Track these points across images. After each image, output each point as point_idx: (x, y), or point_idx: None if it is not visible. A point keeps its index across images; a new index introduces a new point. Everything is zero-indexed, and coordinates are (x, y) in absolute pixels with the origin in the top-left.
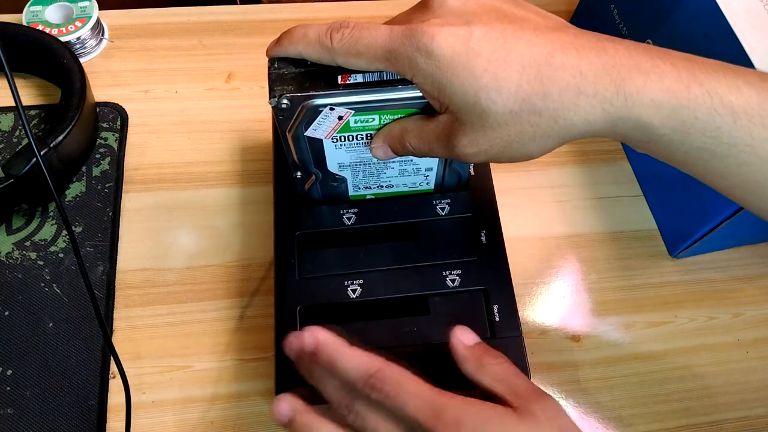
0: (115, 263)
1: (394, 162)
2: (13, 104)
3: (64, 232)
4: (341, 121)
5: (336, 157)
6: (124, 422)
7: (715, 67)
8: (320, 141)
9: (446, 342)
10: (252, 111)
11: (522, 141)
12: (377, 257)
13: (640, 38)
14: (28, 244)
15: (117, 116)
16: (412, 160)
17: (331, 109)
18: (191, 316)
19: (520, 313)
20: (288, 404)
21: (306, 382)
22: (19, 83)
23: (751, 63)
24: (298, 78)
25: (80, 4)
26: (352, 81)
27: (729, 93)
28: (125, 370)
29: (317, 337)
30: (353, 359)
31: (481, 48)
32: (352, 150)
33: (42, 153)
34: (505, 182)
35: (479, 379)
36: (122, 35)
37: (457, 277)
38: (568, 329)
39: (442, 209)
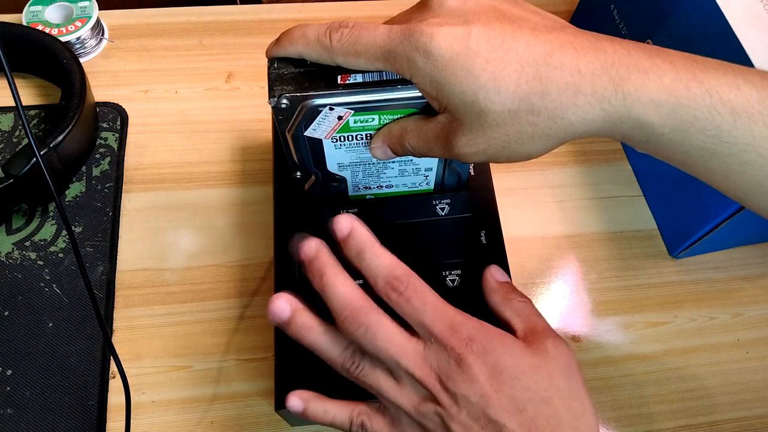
0: (115, 263)
1: (393, 162)
2: (13, 104)
3: (64, 232)
4: (341, 121)
5: (336, 157)
6: (124, 422)
7: (715, 66)
8: (320, 141)
9: None
10: (252, 111)
11: (521, 140)
12: None
13: (640, 38)
14: (28, 244)
15: (117, 116)
16: (411, 160)
17: (331, 109)
18: (191, 316)
19: None
20: (287, 302)
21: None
22: (19, 83)
23: (751, 63)
24: (298, 78)
25: (80, 4)
26: (351, 81)
27: (729, 91)
28: (125, 370)
29: (353, 225)
30: (383, 256)
31: (479, 47)
32: (352, 150)
33: (42, 153)
34: (505, 182)
35: (502, 311)
36: (122, 35)
37: (457, 278)
38: (568, 329)
39: (442, 209)
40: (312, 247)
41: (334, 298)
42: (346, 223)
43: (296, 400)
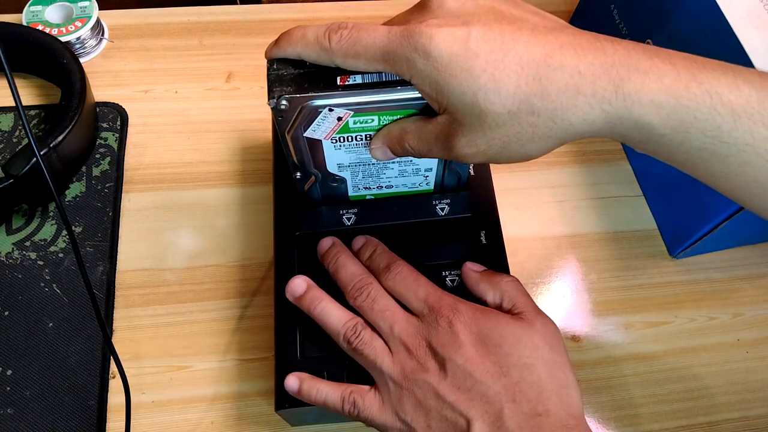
0: (115, 263)
1: (393, 162)
2: (13, 104)
3: (64, 232)
4: (340, 122)
5: (335, 158)
6: (124, 422)
7: (715, 66)
8: (319, 142)
9: None
10: (252, 111)
11: (520, 141)
12: None
13: (640, 38)
14: (28, 244)
15: (117, 116)
16: (411, 161)
17: (330, 110)
18: (191, 316)
19: None
20: (304, 280)
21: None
22: (19, 83)
23: (751, 63)
24: (297, 79)
25: (80, 4)
26: (351, 82)
27: (729, 92)
28: (125, 370)
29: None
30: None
31: (479, 48)
32: (352, 151)
33: (42, 153)
34: (505, 182)
35: (490, 295)
36: (122, 35)
37: (457, 278)
38: (568, 329)
39: (442, 209)
40: (327, 241)
41: (345, 273)
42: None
43: (293, 380)
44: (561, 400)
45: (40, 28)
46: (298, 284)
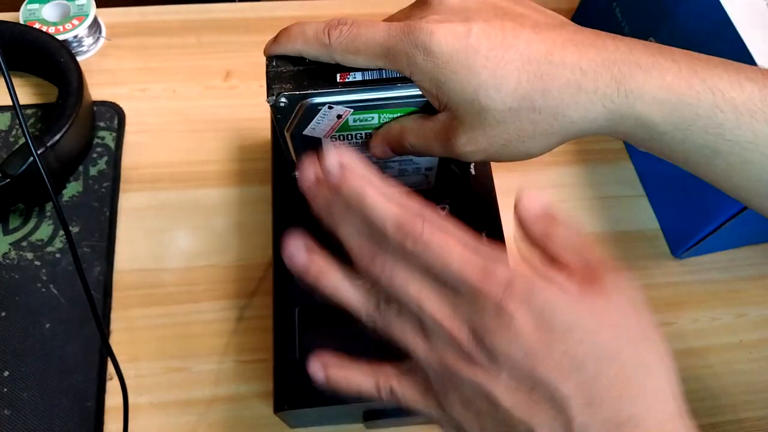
0: (113, 264)
1: (393, 161)
2: (10, 103)
3: (61, 233)
4: (340, 120)
5: None
6: (122, 424)
7: (717, 64)
8: (319, 140)
9: None
10: (250, 109)
11: (521, 139)
12: None
13: (643, 36)
14: (24, 244)
15: (114, 115)
16: (412, 160)
17: (330, 107)
18: (189, 317)
19: None
20: (301, 247)
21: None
22: (16, 82)
23: (753, 61)
24: (297, 76)
25: (77, 2)
26: (350, 79)
27: (731, 89)
28: (123, 371)
29: (343, 163)
30: (388, 198)
31: (479, 45)
32: (351, 149)
33: (39, 152)
34: (506, 182)
35: (545, 247)
36: (120, 33)
37: None
38: None
39: (443, 209)
40: (313, 167)
41: (351, 237)
42: (332, 163)
43: (317, 368)
44: (654, 398)
45: (37, 26)
46: (296, 254)
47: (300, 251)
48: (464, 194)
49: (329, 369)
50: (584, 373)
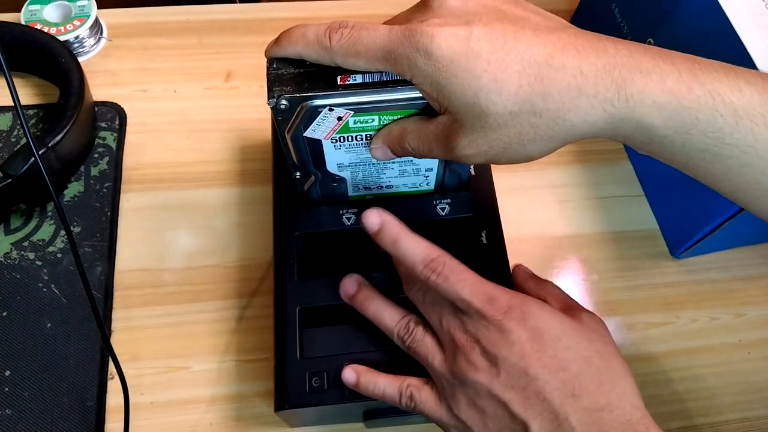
0: (114, 263)
1: (393, 162)
2: (12, 104)
3: (63, 233)
4: (340, 122)
5: (335, 158)
6: (122, 423)
7: (717, 68)
8: (319, 141)
9: None
10: (251, 110)
11: (522, 142)
12: (377, 258)
13: (642, 38)
14: (26, 244)
15: (115, 116)
16: (412, 161)
17: (331, 109)
18: (190, 317)
19: None
20: (356, 280)
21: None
22: (18, 82)
23: (753, 63)
24: (297, 78)
25: (79, 3)
26: (351, 81)
27: (731, 93)
28: (124, 370)
29: (382, 218)
30: (417, 243)
31: (480, 48)
32: (352, 150)
33: (40, 153)
34: (506, 182)
35: (537, 293)
36: (121, 34)
37: None
38: None
39: (443, 209)
40: (350, 285)
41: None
42: (375, 218)
43: (350, 373)
44: (622, 391)
45: (38, 27)
46: (350, 283)
47: (352, 283)
48: (464, 194)
49: (361, 374)
50: (568, 372)
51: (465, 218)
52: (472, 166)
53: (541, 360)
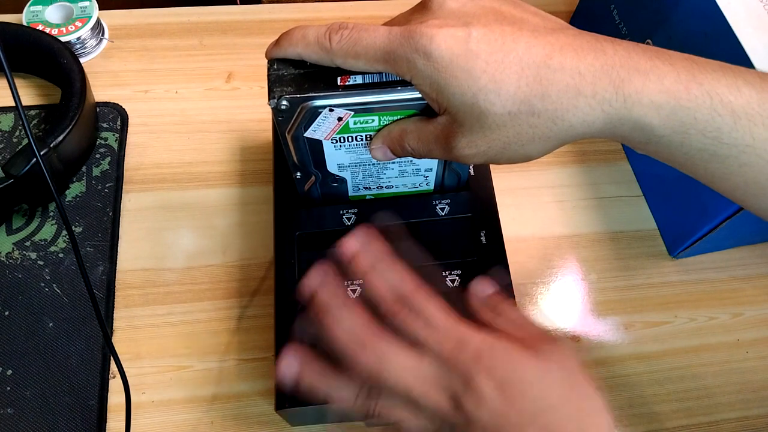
0: (115, 263)
1: (393, 163)
2: (13, 104)
3: (64, 232)
4: (341, 122)
5: (335, 158)
6: (124, 422)
7: (715, 67)
8: (320, 142)
9: None
10: (252, 111)
11: (520, 142)
12: None
13: (640, 38)
14: (28, 244)
15: (117, 116)
16: (411, 161)
17: (331, 110)
18: (191, 316)
19: None
20: (293, 358)
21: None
22: (19, 83)
23: (751, 63)
24: (298, 79)
25: (80, 4)
26: (351, 82)
27: (729, 93)
28: (125, 370)
29: (356, 247)
30: (388, 273)
31: (479, 49)
32: (352, 151)
33: (42, 153)
34: (505, 182)
35: (497, 326)
36: (122, 35)
37: (457, 278)
38: (567, 329)
39: (442, 209)
40: (311, 284)
41: (339, 336)
42: (348, 247)
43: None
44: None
45: (40, 28)
46: (287, 371)
47: (292, 367)
48: (463, 194)
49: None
50: (538, 423)
51: (464, 218)
52: (471, 167)
53: (511, 417)
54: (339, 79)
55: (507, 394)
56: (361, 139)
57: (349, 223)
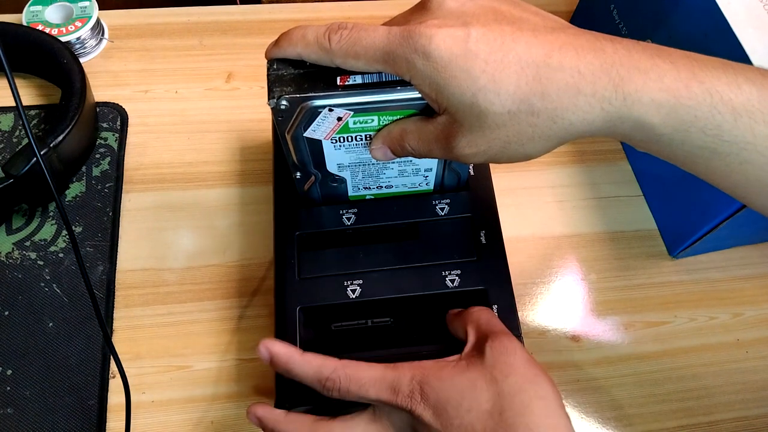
0: (115, 263)
1: (393, 163)
2: (13, 104)
3: (64, 232)
4: (340, 122)
5: (335, 158)
6: (124, 422)
7: (715, 65)
8: (319, 142)
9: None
10: (252, 111)
11: (520, 141)
12: (377, 257)
13: (640, 38)
14: (28, 244)
15: (117, 116)
16: (411, 161)
17: (330, 110)
18: (191, 316)
19: (519, 313)
20: (266, 348)
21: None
22: (19, 83)
23: (750, 63)
24: (297, 79)
25: (80, 4)
26: (351, 82)
27: (729, 90)
28: (125, 370)
29: (270, 351)
30: (309, 364)
31: (479, 49)
32: (352, 151)
33: (42, 153)
34: (505, 182)
35: (463, 333)
36: (122, 35)
37: (457, 278)
38: (567, 329)
39: (442, 209)
40: (264, 355)
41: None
42: (264, 352)
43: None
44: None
45: (40, 28)
46: (261, 353)
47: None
48: (463, 194)
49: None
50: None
51: (464, 218)
52: (471, 166)
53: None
54: (338, 79)
55: (443, 414)
56: (361, 139)
57: (349, 223)
